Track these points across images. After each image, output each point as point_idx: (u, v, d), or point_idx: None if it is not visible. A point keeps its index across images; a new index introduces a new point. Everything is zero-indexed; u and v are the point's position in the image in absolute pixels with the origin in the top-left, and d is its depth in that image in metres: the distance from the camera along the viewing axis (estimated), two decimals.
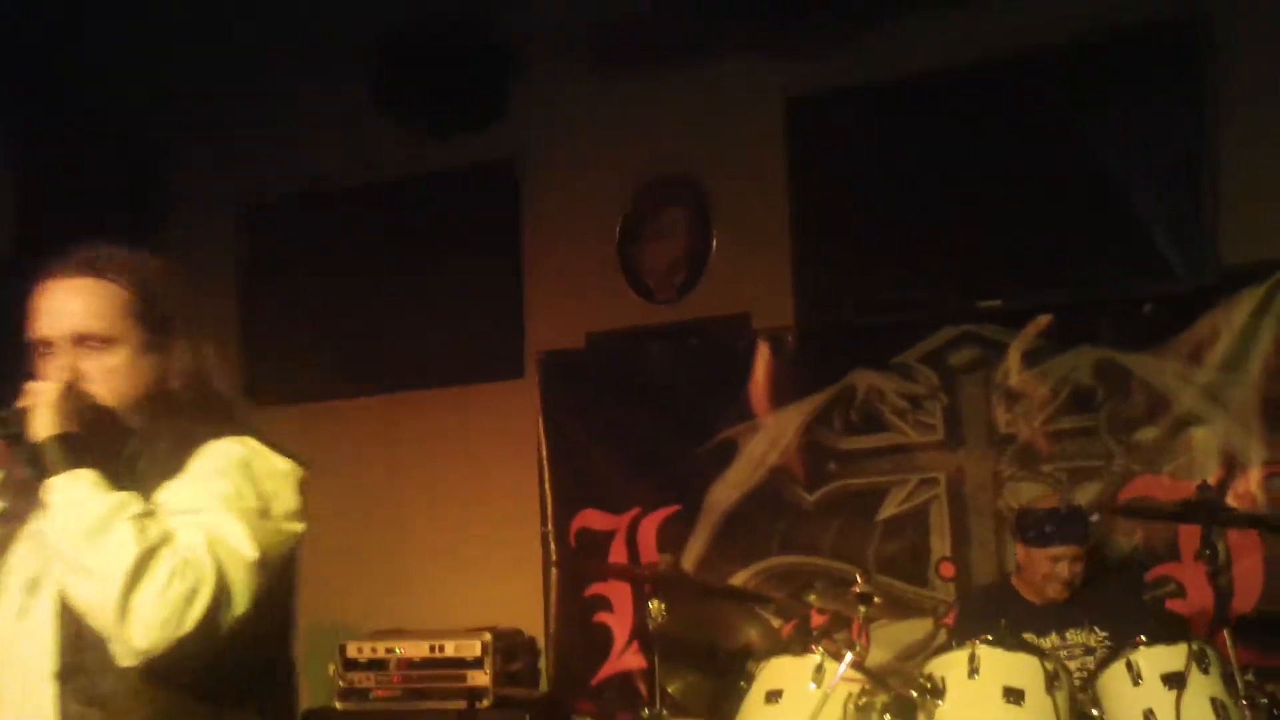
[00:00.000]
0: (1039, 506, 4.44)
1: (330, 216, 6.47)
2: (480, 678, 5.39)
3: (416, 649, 5.54)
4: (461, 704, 5.03)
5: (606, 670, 5.71)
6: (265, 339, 6.58)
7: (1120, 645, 3.76)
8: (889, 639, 5.14)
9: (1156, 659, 3.63)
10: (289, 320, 6.53)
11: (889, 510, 5.33)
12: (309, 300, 6.48)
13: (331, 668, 5.63)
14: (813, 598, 4.38)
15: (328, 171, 6.42)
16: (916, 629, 5.18)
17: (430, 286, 6.22)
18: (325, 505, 6.37)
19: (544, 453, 5.93)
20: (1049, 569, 4.32)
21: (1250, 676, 3.63)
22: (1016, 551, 4.50)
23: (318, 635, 6.03)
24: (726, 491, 5.60)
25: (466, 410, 6.15)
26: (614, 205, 5.91)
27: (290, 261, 6.56)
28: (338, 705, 5.59)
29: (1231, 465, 4.77)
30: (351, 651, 5.62)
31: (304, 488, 2.28)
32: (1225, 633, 3.63)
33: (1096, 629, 4.23)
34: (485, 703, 5.30)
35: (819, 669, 3.79)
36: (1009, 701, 3.59)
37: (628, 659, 5.66)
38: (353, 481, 6.29)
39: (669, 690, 4.71)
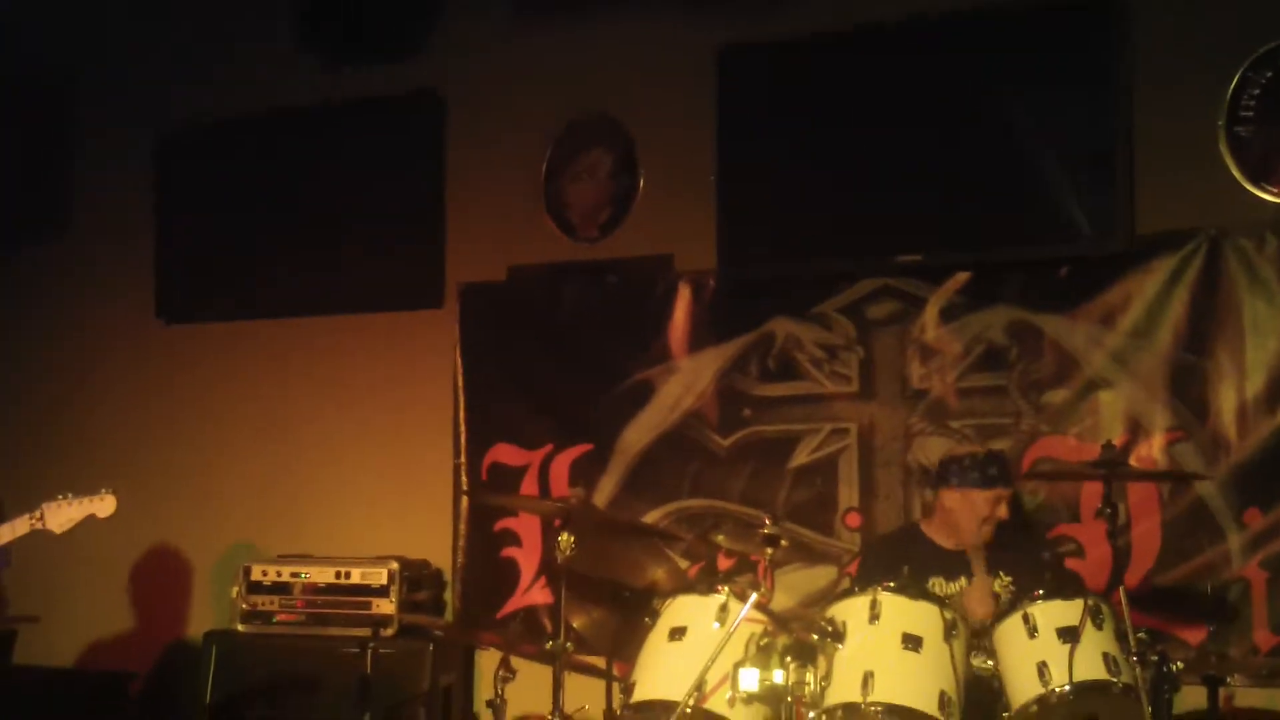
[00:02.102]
0: (969, 452, 4.49)
1: (252, 142, 6.40)
2: (385, 606, 5.39)
3: (322, 574, 5.52)
4: (365, 631, 5.01)
5: (512, 604, 5.74)
6: (182, 260, 6.53)
7: (1020, 597, 3.83)
8: (794, 585, 5.21)
9: (1053, 613, 3.71)
10: (207, 244, 6.50)
11: (800, 458, 5.38)
12: (228, 224, 6.44)
13: (235, 590, 5.60)
14: (720, 538, 4.42)
15: (250, 97, 6.34)
16: (821, 576, 5.26)
17: (352, 213, 6.18)
18: (238, 427, 6.41)
19: (460, 384, 5.92)
20: (988, 510, 4.36)
21: (1142, 634, 3.72)
22: (941, 497, 4.48)
23: (224, 557, 6.05)
24: (640, 432, 5.63)
25: (384, 338, 6.12)
26: (540, 141, 5.88)
27: (210, 187, 6.49)
28: (239, 627, 5.57)
29: (1135, 430, 4.87)
30: (256, 574, 5.59)
31: None
32: (1120, 591, 3.71)
33: (1003, 574, 4.30)
34: (389, 631, 5.29)
35: (723, 608, 3.83)
36: (907, 648, 3.65)
37: (534, 594, 5.69)
38: (266, 404, 6.28)
39: (574, 625, 4.74)
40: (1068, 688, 3.58)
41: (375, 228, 6.14)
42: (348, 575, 5.48)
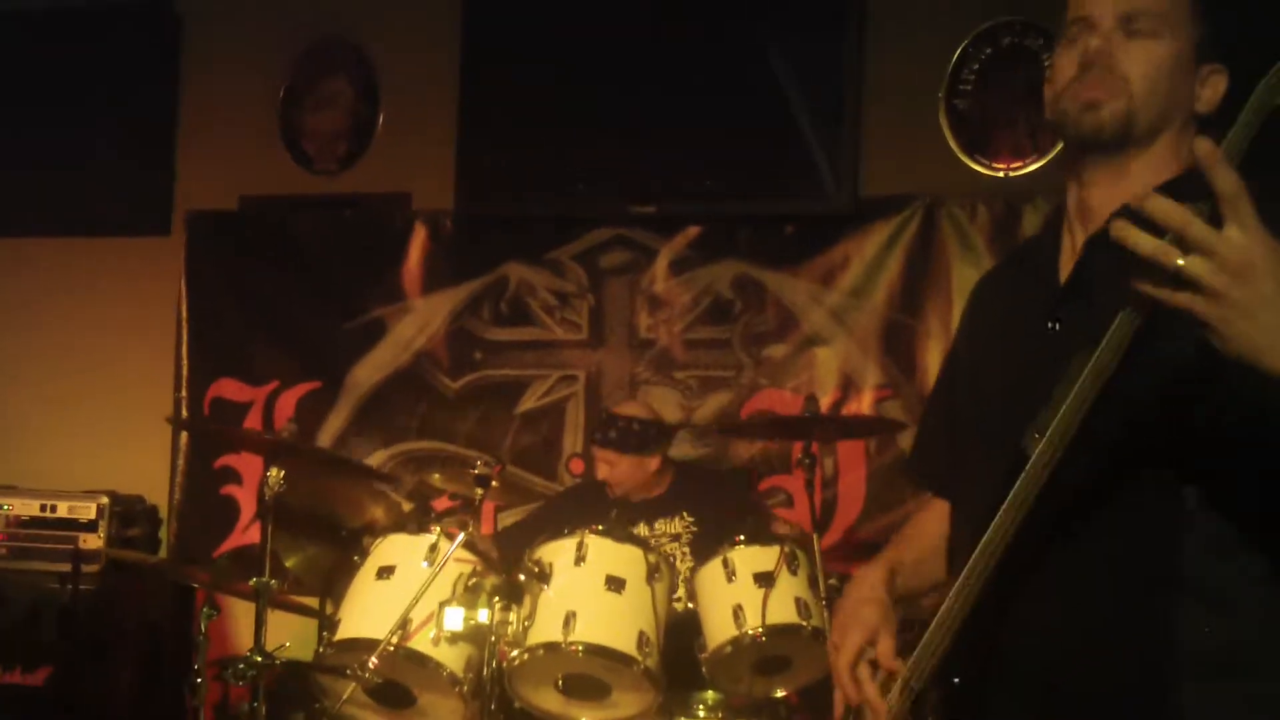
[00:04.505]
0: (612, 410, 4.64)
1: None
2: (93, 541, 5.20)
3: (26, 507, 5.29)
4: (68, 567, 4.83)
5: (231, 542, 5.61)
6: None
7: (716, 541, 3.93)
8: None
9: (750, 558, 3.81)
10: None
11: (528, 403, 5.41)
12: None
13: None
14: (435, 478, 4.40)
15: None
16: None
17: (78, 131, 5.88)
18: None
19: (184, 315, 5.73)
20: (601, 469, 4.54)
21: (834, 580, 3.87)
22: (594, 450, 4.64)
23: None
24: (370, 371, 5.57)
25: (105, 263, 5.88)
26: (280, 67, 5.73)
27: None
28: None
29: (848, 386, 5.06)
30: None
31: None
32: (814, 539, 3.84)
33: (685, 514, 4.43)
34: (95, 567, 5.11)
35: (433, 548, 3.80)
36: (610, 589, 3.70)
37: (253, 533, 5.55)
38: None
39: (287, 564, 4.67)
40: (760, 630, 3.70)
41: (102, 148, 5.86)
42: (54, 509, 5.27)
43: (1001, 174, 4.98)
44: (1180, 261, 1.42)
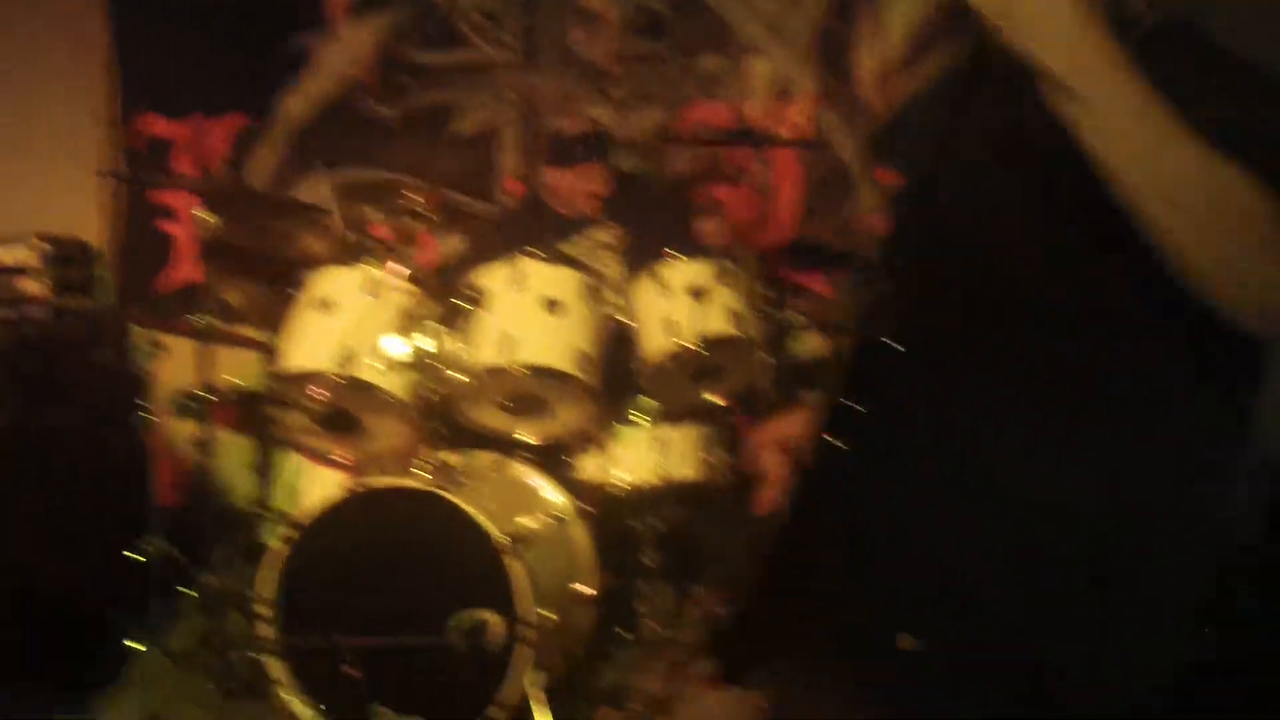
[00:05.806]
0: (568, 129, 4.50)
1: None
2: (32, 286, 5.16)
3: None
4: (10, 314, 4.82)
5: (170, 280, 5.60)
6: None
7: (650, 253, 3.94)
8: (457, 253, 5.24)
9: (684, 272, 3.82)
10: None
11: (463, 127, 5.33)
12: None
13: None
14: (369, 209, 4.37)
15: None
16: None
17: None
18: None
19: (105, 47, 5.55)
20: (546, 186, 4.44)
21: (767, 290, 3.92)
22: (545, 171, 4.52)
23: None
24: (300, 102, 5.46)
25: None
26: None
27: None
28: None
29: (783, 95, 5.01)
30: None
31: None
32: (749, 250, 3.86)
33: (619, 224, 4.41)
34: (38, 313, 5.09)
35: (371, 278, 3.81)
36: (548, 311, 3.75)
37: (192, 270, 5.55)
38: None
39: (228, 299, 4.69)
40: (695, 342, 3.76)
41: None
42: None
43: None
44: None
